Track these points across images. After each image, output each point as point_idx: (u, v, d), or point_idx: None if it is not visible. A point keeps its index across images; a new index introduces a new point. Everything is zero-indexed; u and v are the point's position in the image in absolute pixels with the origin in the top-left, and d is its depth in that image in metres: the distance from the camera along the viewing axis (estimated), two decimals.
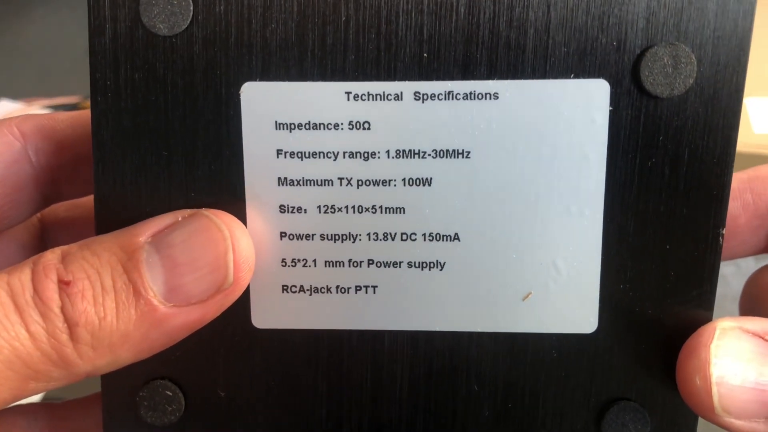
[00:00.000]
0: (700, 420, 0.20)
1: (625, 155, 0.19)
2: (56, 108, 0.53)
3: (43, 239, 0.26)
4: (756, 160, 0.41)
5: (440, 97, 0.19)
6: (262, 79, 0.19)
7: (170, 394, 0.21)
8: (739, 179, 0.22)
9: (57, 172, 0.24)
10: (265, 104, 0.19)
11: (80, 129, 0.24)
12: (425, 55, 0.19)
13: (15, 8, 0.61)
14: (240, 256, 0.19)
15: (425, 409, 0.20)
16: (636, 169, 0.19)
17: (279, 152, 0.19)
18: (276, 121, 0.19)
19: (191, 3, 0.19)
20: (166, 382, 0.21)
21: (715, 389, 0.18)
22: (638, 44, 0.18)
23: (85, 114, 0.24)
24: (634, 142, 0.19)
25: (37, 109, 0.52)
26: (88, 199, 0.27)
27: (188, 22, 0.19)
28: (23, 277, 0.18)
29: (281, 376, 0.21)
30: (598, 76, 0.18)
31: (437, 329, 0.20)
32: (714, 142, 0.19)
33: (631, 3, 0.18)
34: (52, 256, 0.18)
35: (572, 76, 0.18)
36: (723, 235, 0.19)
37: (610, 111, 0.18)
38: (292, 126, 0.19)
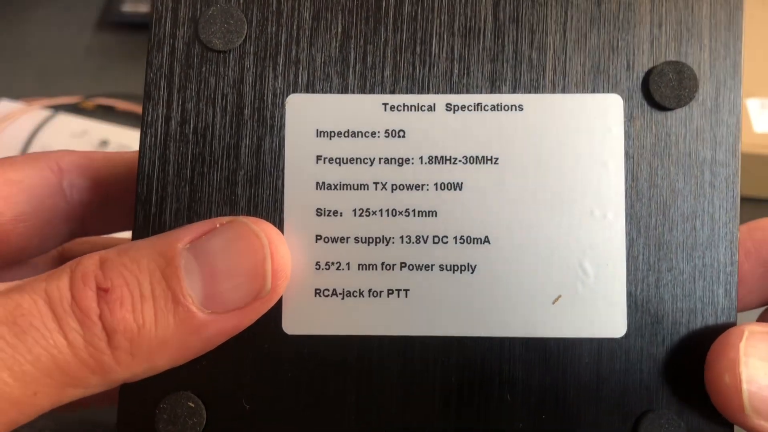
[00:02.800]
0: None
1: (641, 162, 0.20)
2: (56, 108, 0.53)
3: None
4: (756, 159, 0.43)
5: (470, 108, 0.20)
6: (306, 91, 0.21)
7: (192, 405, 0.20)
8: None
9: (88, 208, 0.24)
10: (307, 114, 0.21)
11: (114, 169, 0.25)
12: (456, 71, 0.21)
13: (15, 8, 0.62)
14: (278, 263, 0.19)
15: (457, 422, 0.20)
16: (652, 175, 0.20)
17: (318, 158, 0.20)
18: (317, 129, 0.20)
19: (246, 22, 0.21)
20: (188, 393, 0.20)
21: (745, 387, 0.18)
22: (645, 63, 0.20)
23: (121, 155, 0.25)
24: (649, 151, 0.20)
25: (37, 109, 0.52)
26: (110, 238, 0.27)
27: (242, 39, 0.21)
28: (61, 284, 0.17)
29: (309, 386, 0.20)
30: (612, 92, 0.20)
31: (469, 334, 0.20)
32: (720, 149, 0.20)
33: (636, 29, 0.21)
34: (90, 263, 0.18)
35: (589, 91, 0.20)
36: (738, 236, 0.20)
37: (625, 122, 0.20)
38: (332, 134, 0.20)
